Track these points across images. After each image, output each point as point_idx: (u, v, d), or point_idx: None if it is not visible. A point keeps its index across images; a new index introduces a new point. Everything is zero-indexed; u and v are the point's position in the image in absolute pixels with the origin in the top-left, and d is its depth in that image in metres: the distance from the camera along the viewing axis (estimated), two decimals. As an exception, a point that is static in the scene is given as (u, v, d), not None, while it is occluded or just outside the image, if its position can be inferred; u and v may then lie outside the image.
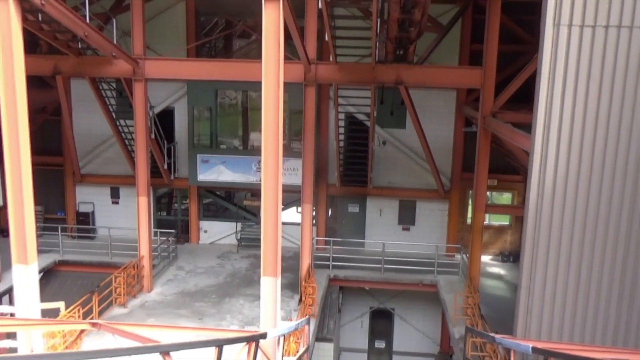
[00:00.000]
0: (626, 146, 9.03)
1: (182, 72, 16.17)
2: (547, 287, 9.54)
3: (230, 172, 19.65)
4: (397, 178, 20.49)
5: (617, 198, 9.22)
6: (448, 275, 18.31)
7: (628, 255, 9.32)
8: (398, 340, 21.34)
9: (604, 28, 8.81)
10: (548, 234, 9.42)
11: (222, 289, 17.24)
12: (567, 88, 8.92)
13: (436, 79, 15.53)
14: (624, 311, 9.46)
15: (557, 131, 9.06)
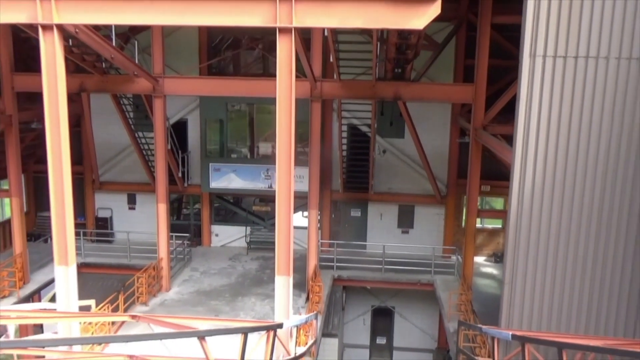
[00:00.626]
0: (594, 161, 10.36)
1: (197, 89, 17.58)
2: (527, 283, 10.86)
3: (241, 180, 21.02)
4: (397, 184, 21.85)
5: (587, 205, 10.54)
6: (444, 275, 19.65)
7: (597, 254, 10.65)
8: (398, 337, 22.68)
9: (574, 58, 10.15)
10: (527, 237, 10.74)
11: (235, 288, 18.60)
12: (542, 111, 10.26)
13: (431, 95, 16.92)
14: (594, 303, 10.78)
15: (534, 148, 10.39)
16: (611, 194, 10.47)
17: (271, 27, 10.40)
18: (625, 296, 10.74)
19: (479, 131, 15.87)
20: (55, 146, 11.49)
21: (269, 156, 21.44)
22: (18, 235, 17.92)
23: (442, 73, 20.39)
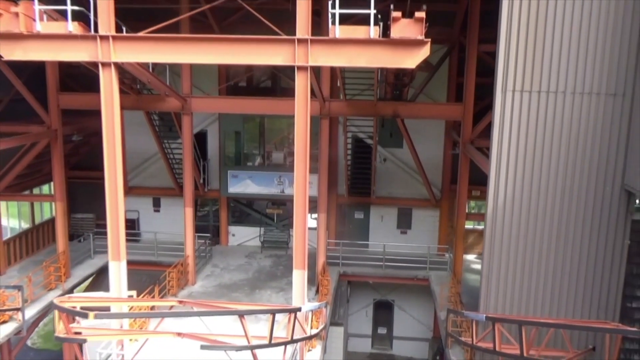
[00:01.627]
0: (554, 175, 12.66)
1: (219, 107, 20.02)
2: (500, 275, 13.15)
3: (256, 186, 23.39)
4: (396, 189, 24.20)
5: (549, 213, 12.83)
6: (438, 271, 21.97)
7: (557, 252, 12.95)
8: (397, 327, 25.04)
9: (537, 93, 12.46)
10: (501, 237, 13.04)
11: (252, 282, 20.96)
12: (512, 136, 12.55)
13: (425, 113, 19.30)
14: (555, 292, 13.06)
15: (505, 166, 12.68)
16: (568, 202, 12.76)
17: (291, 65, 12.80)
18: (581, 285, 13.05)
19: (467, 145, 18.21)
20: (111, 161, 14.00)
21: (281, 164, 23.84)
22: (61, 235, 20.33)
23: (437, 90, 22.73)
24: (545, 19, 12.33)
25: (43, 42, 13.19)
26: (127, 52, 13.35)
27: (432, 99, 22.72)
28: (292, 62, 12.77)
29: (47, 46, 13.26)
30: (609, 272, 12.97)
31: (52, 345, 25.96)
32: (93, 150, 24.56)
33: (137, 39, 13.35)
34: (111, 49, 13.12)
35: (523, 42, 12.49)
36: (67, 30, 12.98)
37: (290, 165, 24.12)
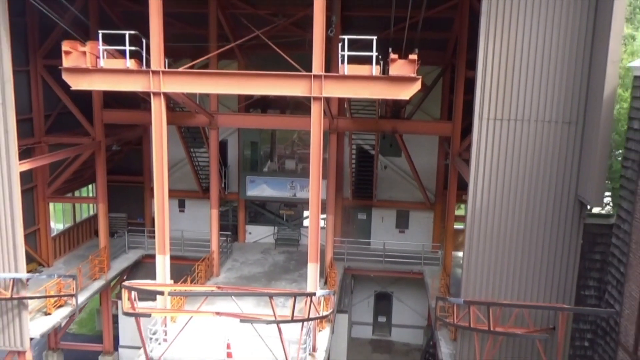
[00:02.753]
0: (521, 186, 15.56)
1: (242, 122, 23.04)
2: (477, 268, 16.02)
3: (271, 189, 26.40)
4: (395, 193, 27.18)
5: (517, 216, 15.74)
6: (431, 266, 24.92)
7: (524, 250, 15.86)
8: (396, 316, 28.04)
9: (507, 121, 15.37)
10: (478, 236, 15.91)
11: (268, 274, 23.96)
12: (487, 154, 15.42)
13: (420, 129, 22.34)
14: (522, 281, 15.94)
15: (482, 179, 15.57)
16: (533, 209, 15.63)
17: (307, 96, 15.81)
18: (543, 276, 15.92)
19: (456, 157, 21.17)
20: (159, 170, 17.00)
21: (293, 170, 26.83)
22: (103, 232, 23.37)
23: (433, 106, 25.69)
24: (513, 60, 15.19)
25: (105, 75, 16.23)
26: (174, 84, 16.40)
27: (428, 114, 25.70)
28: (308, 93, 15.78)
29: (108, 79, 16.30)
30: (565, 265, 15.86)
31: (86, 330, 29.07)
32: (125, 157, 27.64)
33: (181, 73, 16.43)
34: (161, 81, 16.16)
35: (495, 80, 15.37)
36: (126, 66, 16.04)
37: (300, 171, 27.25)
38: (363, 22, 23.28)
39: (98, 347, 25.19)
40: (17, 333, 18.01)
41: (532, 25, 14.97)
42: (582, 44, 14.91)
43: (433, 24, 21.88)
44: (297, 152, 27.86)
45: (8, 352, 18.46)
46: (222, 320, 16.89)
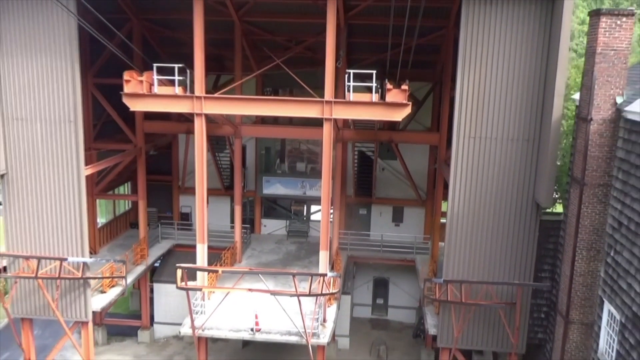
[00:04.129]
0: (490, 188, 19.59)
1: (262, 132, 27.04)
2: (456, 254, 20.04)
3: (284, 188, 30.49)
4: (392, 192, 31.24)
5: (487, 215, 19.78)
6: (422, 255, 28.99)
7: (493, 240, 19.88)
8: (392, 298, 32.16)
9: (480, 138, 19.34)
10: (456, 229, 19.84)
11: (282, 261, 28.03)
12: (464, 166, 19.42)
13: (412, 139, 26.44)
14: (491, 265, 19.95)
15: (459, 185, 19.58)
16: (500, 209, 19.64)
17: (320, 117, 19.82)
18: (508, 261, 19.95)
19: (441, 163, 25.22)
20: (199, 175, 20.95)
21: (303, 172, 30.91)
22: (143, 224, 27.43)
23: (425, 117, 29.69)
24: (484, 90, 19.08)
25: (158, 99, 20.25)
26: (212, 107, 20.45)
27: (421, 124, 29.72)
28: (321, 115, 19.81)
29: (160, 102, 20.33)
30: (525, 253, 19.86)
31: (121, 310, 33.12)
32: (156, 159, 31.64)
33: (218, 98, 20.49)
34: (202, 105, 20.18)
35: (470, 106, 19.27)
36: (174, 92, 20.05)
37: (310, 172, 31.30)
38: (364, 47, 27.23)
39: (137, 323, 29.32)
40: (82, 307, 22.13)
41: (499, 61, 18.84)
42: (537, 79, 18.84)
43: (424, 48, 25.73)
44: (306, 156, 31.86)
45: (74, 322, 22.59)
46: (251, 296, 21.08)
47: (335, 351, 27.98)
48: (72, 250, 21.42)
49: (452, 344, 20.59)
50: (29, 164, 20.99)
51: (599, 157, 15.36)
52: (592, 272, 16.07)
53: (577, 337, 16.42)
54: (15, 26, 20.01)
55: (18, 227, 21.44)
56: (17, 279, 21.19)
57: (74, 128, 20.66)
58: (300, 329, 20.03)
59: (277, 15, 24.89)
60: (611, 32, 14.58)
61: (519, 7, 18.28)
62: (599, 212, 15.64)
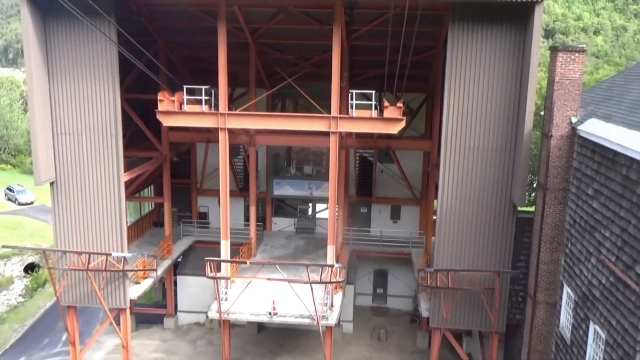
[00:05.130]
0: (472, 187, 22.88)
1: (275, 141, 30.30)
2: (446, 247, 23.40)
3: (292, 189, 33.82)
4: (390, 192, 34.58)
5: (471, 213, 23.08)
6: (417, 249, 32.36)
7: (477, 234, 23.21)
8: (390, 288, 35.55)
9: (464, 148, 22.63)
10: (446, 225, 23.22)
11: (292, 255, 31.34)
12: (451, 172, 22.74)
13: (408, 146, 29.75)
14: (475, 256, 23.29)
15: (448, 187, 22.90)
16: (482, 207, 22.97)
17: (327, 130, 23.13)
18: (489, 252, 23.27)
19: (433, 167, 28.52)
20: (223, 180, 24.26)
21: (310, 174, 34.22)
22: (168, 223, 30.76)
23: (419, 124, 33.00)
24: (468, 107, 22.35)
25: (187, 116, 23.56)
26: (234, 122, 23.76)
27: (416, 131, 33.02)
28: (328, 129, 23.12)
29: (189, 118, 23.64)
30: (504, 246, 23.15)
31: (145, 301, 36.43)
32: (176, 164, 34.92)
33: (239, 115, 23.81)
34: (225, 120, 23.48)
35: (455, 119, 22.51)
36: (201, 110, 23.35)
37: (315, 175, 34.59)
38: (365, 63, 30.52)
39: (163, 311, 32.70)
40: (122, 295, 25.46)
41: (480, 82, 22.02)
42: (513, 97, 22.06)
43: (418, 64, 28.97)
44: (312, 159, 35.15)
45: (113, 309, 25.91)
46: (267, 285, 24.43)
47: (340, 335, 31.35)
48: (113, 247, 24.73)
49: (442, 324, 23.96)
50: (75, 172, 24.26)
51: (558, 167, 18.65)
52: (554, 261, 19.38)
53: (543, 314, 19.74)
54: (63, 55, 23.23)
55: (66, 227, 24.73)
56: (67, 272, 24.47)
57: (115, 140, 23.94)
58: (312, 312, 23.37)
59: (287, 37, 28.18)
60: (566, 65, 17.85)
61: (497, 36, 21.53)
62: (559, 212, 18.94)
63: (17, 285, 44.98)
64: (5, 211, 59.33)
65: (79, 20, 21.72)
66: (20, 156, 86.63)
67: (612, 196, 14.84)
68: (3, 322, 33.73)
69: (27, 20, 22.20)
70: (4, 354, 29.84)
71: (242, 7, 24.65)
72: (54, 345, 30.82)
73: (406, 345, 31.17)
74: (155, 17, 27.07)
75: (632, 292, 13.43)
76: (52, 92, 23.60)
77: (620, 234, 14.20)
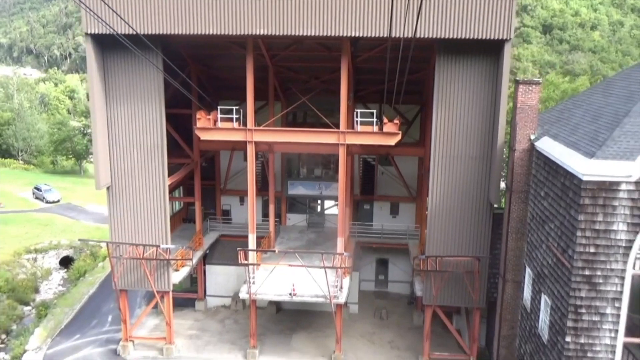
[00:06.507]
0: (459, 194, 27.78)
1: (290, 148, 35.25)
2: (434, 238, 28.37)
3: (304, 189, 38.81)
4: (389, 191, 39.52)
5: (456, 209, 27.98)
6: (413, 240, 37.32)
7: (461, 226, 28.11)
8: (391, 275, 40.52)
9: (450, 156, 27.52)
10: (435, 219, 28.16)
11: (306, 246, 36.28)
12: (439, 176, 27.69)
13: (404, 152, 34.68)
14: (459, 245, 28.22)
15: (436, 188, 27.80)
16: (464, 205, 27.86)
17: (336, 143, 28.11)
18: (471, 242, 28.22)
19: (426, 170, 33.44)
20: (250, 184, 29.26)
21: (320, 176, 39.22)
22: (199, 220, 35.77)
23: (415, 132, 37.91)
24: (453, 121, 27.25)
25: (220, 131, 28.56)
26: (259, 136, 28.74)
27: (412, 138, 37.93)
28: (337, 141, 28.09)
29: (222, 133, 28.64)
30: (483, 237, 28.13)
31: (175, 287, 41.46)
32: (203, 168, 39.87)
33: (264, 130, 28.78)
34: (253, 135, 28.45)
35: (442, 132, 27.48)
36: (232, 126, 28.33)
37: (324, 176, 39.56)
38: (368, 81, 35.42)
39: (194, 296, 37.75)
40: (166, 280, 30.50)
41: (463, 101, 26.91)
42: (489, 114, 26.96)
43: (413, 81, 33.77)
44: (321, 162, 40.09)
45: (159, 292, 30.92)
46: (288, 271, 29.44)
47: (347, 314, 36.36)
48: (159, 240, 29.75)
49: (433, 302, 28.98)
50: (127, 178, 29.25)
51: (520, 174, 23.54)
52: (519, 248, 24.30)
53: (511, 290, 24.67)
54: (118, 81, 28.18)
55: (119, 223, 29.75)
56: (122, 260, 29.50)
57: (161, 151, 28.93)
58: (325, 292, 28.39)
59: (301, 61, 33.07)
60: (526, 94, 22.72)
61: (475, 66, 26.44)
62: (522, 209, 23.84)
63: (54, 277, 50.28)
64: (35, 209, 64.51)
65: (131, 53, 26.61)
66: (41, 157, 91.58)
67: (555, 197, 19.81)
68: (55, 306, 38.82)
69: (91, 53, 27.17)
70: (60, 332, 34.90)
71: (265, 39, 29.55)
72: (102, 325, 35.86)
73: (404, 323, 36.16)
74: (190, 46, 31.97)
75: (566, 269, 18.42)
76: (109, 112, 28.55)
77: (560, 226, 19.17)
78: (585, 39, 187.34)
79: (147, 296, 38.12)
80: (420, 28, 24.81)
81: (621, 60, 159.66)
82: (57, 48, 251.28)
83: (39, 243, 51.97)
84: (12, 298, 41.47)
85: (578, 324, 18.08)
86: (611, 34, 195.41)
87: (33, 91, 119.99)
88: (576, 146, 18.88)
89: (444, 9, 24.82)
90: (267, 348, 32.36)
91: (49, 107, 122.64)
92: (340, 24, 25.39)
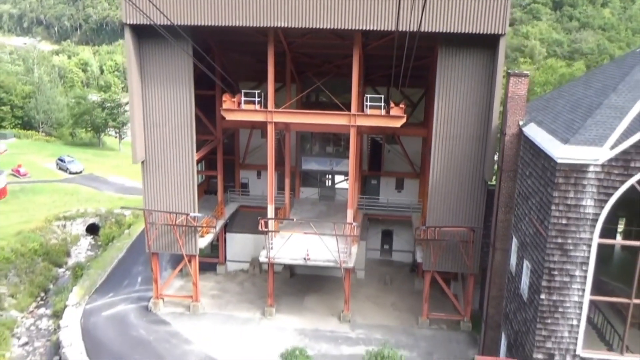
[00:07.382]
0: (457, 172, 30.99)
1: (305, 127, 38.42)
2: (434, 210, 31.67)
3: (317, 165, 42.13)
4: (395, 167, 42.75)
5: (455, 184, 31.24)
6: (416, 213, 40.67)
7: (458, 200, 31.38)
8: (395, 244, 44.04)
9: (449, 137, 30.66)
10: (435, 194, 31.45)
11: (318, 216, 39.63)
12: (439, 155, 30.88)
13: (409, 132, 37.79)
14: (456, 215, 31.49)
15: (437, 165, 31.01)
16: (462, 181, 31.10)
17: (347, 125, 31.36)
18: (468, 213, 31.52)
19: (428, 149, 36.58)
20: (270, 160, 32.63)
21: (331, 153, 42.51)
22: (220, 192, 39.25)
23: (419, 113, 40.97)
24: (453, 104, 30.30)
25: (244, 112, 31.81)
26: (279, 117, 31.97)
27: (416, 119, 40.99)
28: (348, 123, 31.30)
29: (245, 114, 31.91)
30: (478, 209, 31.43)
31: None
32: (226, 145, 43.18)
33: (282, 112, 31.99)
34: (273, 116, 31.69)
35: (444, 114, 30.61)
36: (255, 108, 31.56)
37: (335, 153, 42.82)
38: (377, 67, 38.35)
39: (215, 260, 41.48)
40: (193, 245, 34.12)
41: (462, 87, 29.96)
42: (485, 100, 30.02)
43: (418, 66, 36.71)
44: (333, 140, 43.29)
45: (187, 255, 34.55)
46: (302, 238, 32.94)
47: (355, 279, 39.99)
48: (188, 208, 33.27)
49: (432, 267, 32.49)
50: (160, 154, 32.62)
51: (510, 155, 26.70)
52: (507, 220, 27.60)
53: (500, 257, 28.07)
54: (153, 65, 31.35)
55: (153, 194, 33.24)
56: (156, 226, 33.10)
57: (190, 130, 32.23)
58: (336, 257, 31.92)
59: (315, 47, 36.06)
60: (516, 85, 25.74)
61: (473, 56, 29.42)
62: (511, 186, 27.06)
63: (82, 242, 54.20)
64: (59, 179, 68.28)
65: (164, 41, 29.71)
66: (61, 129, 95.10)
67: (536, 177, 23.04)
68: (89, 267, 42.73)
69: (129, 41, 30.31)
70: (96, 291, 38.78)
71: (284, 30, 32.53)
72: (133, 285, 39.70)
73: (406, 288, 39.79)
74: (216, 33, 34.99)
75: (543, 238, 21.75)
76: (144, 95, 31.79)
77: (539, 201, 22.44)
78: (596, 16, 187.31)
79: (172, 261, 41.86)
80: (424, 23, 27.72)
81: (629, 40, 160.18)
82: (67, 19, 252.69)
83: (67, 211, 55.73)
84: (47, 260, 45.40)
85: (551, 284, 21.41)
86: (622, 11, 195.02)
87: (49, 64, 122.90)
88: (555, 133, 22.01)
89: (446, 6, 27.70)
90: (282, 307, 36.11)
91: (65, 80, 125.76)
92: (354, 18, 28.37)
